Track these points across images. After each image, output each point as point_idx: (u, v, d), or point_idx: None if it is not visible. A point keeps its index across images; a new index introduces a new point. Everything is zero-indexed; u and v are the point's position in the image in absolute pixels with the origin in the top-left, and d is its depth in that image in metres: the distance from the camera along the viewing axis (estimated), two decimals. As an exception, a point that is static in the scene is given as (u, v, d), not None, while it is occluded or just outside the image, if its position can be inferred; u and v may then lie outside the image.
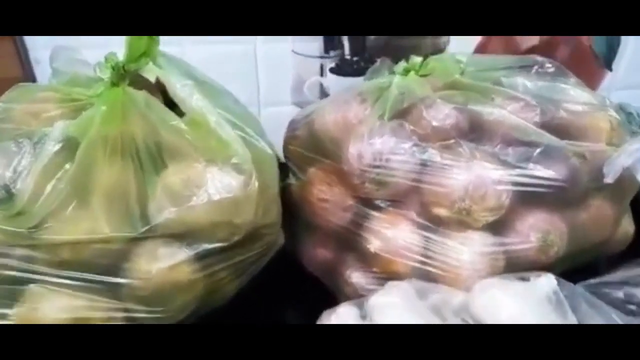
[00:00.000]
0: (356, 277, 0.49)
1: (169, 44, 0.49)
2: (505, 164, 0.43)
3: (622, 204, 0.48)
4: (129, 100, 0.41)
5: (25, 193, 0.38)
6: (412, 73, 0.50)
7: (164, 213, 0.38)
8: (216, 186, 0.38)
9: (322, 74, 0.71)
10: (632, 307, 0.43)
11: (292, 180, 0.55)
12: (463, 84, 0.47)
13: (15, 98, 0.45)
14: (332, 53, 0.69)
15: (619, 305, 0.44)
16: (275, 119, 0.72)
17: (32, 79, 0.69)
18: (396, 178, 0.45)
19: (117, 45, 0.65)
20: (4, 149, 0.40)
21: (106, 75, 0.42)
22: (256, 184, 0.40)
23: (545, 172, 0.42)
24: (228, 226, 0.39)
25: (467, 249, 0.44)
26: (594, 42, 0.73)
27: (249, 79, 0.71)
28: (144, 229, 0.38)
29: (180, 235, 0.38)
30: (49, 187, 0.38)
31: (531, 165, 0.43)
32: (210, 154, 0.40)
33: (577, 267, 0.49)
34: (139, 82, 0.45)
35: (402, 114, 0.46)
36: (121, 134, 0.41)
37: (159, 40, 0.44)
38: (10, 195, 0.38)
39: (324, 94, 0.72)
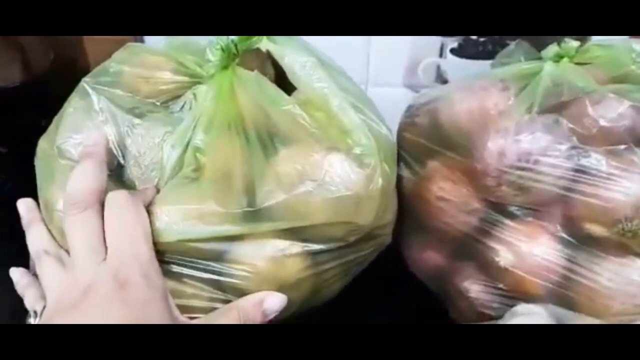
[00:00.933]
0: (476, 291, 0.42)
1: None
2: (691, 179, 0.34)
3: None
4: (239, 81, 0.38)
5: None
6: (565, 60, 0.42)
7: (274, 198, 0.33)
8: (335, 181, 0.33)
9: (441, 54, 0.63)
10: None
11: (404, 172, 0.49)
12: (639, 77, 0.38)
13: (126, 59, 0.42)
14: (455, 31, 0.62)
15: None
16: (383, 101, 0.66)
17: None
18: (543, 184, 0.37)
19: None
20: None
21: (216, 57, 0.38)
22: (380, 180, 0.34)
23: None
24: (345, 226, 0.34)
25: (625, 278, 0.36)
26: None
27: (359, 54, 0.65)
28: (251, 210, 0.34)
29: (291, 230, 0.34)
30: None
31: None
32: (329, 142, 0.35)
33: None
34: (251, 57, 0.41)
35: (557, 108, 0.39)
36: (230, 116, 0.37)
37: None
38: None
39: (440, 77, 0.64)
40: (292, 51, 0.40)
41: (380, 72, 0.66)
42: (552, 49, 0.43)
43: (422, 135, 0.47)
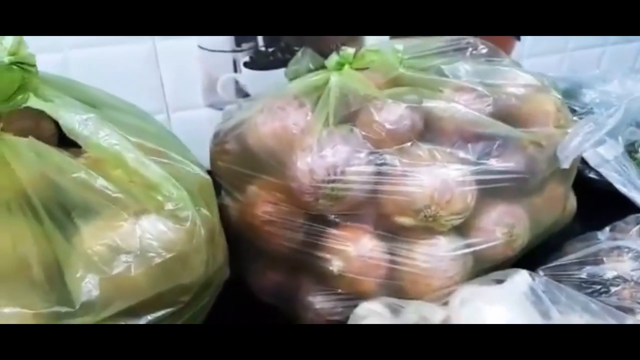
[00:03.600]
0: (319, 301, 0.44)
1: (45, 51, 0.39)
2: (465, 162, 0.40)
3: (569, 181, 0.48)
4: (10, 151, 0.32)
5: None
6: (346, 67, 0.45)
7: (89, 290, 0.29)
8: (153, 246, 0.31)
9: (235, 69, 0.63)
10: (597, 286, 0.44)
11: (226, 199, 0.48)
12: (409, 78, 0.43)
13: None
14: (244, 45, 0.62)
15: (584, 286, 0.44)
16: (188, 124, 0.64)
17: None
18: (353, 191, 0.40)
19: None
20: None
21: None
22: (202, 231, 0.32)
23: (506, 165, 0.40)
24: (176, 289, 0.32)
25: (436, 256, 0.41)
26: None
27: (150, 83, 0.61)
28: (65, 311, 0.30)
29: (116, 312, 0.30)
30: None
31: (492, 160, 0.40)
32: (136, 204, 0.32)
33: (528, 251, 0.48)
34: (19, 117, 0.36)
35: (348, 118, 0.42)
36: (7, 194, 0.32)
37: (36, 67, 0.34)
38: None
39: (240, 92, 0.64)
40: (66, 109, 0.35)
41: (178, 96, 0.63)
42: (334, 58, 0.46)
43: (235, 162, 0.47)
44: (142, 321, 0.31)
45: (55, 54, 0.56)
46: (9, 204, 0.32)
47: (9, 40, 0.33)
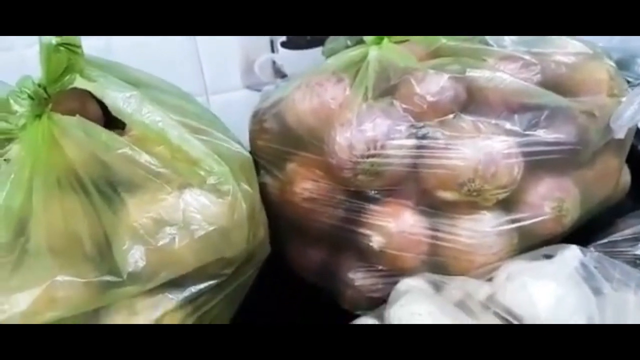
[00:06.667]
0: (359, 278, 0.44)
1: (89, 38, 0.40)
2: (512, 133, 0.38)
3: (624, 154, 0.45)
4: (59, 129, 0.33)
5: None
6: (385, 40, 0.44)
7: (135, 261, 0.30)
8: (196, 219, 0.31)
9: (272, 50, 0.63)
10: (653, 263, 0.41)
11: (266, 178, 0.48)
12: (450, 49, 0.41)
13: None
14: (281, 25, 0.61)
15: (638, 263, 0.42)
16: (227, 107, 0.64)
17: None
18: (393, 165, 0.39)
19: (20, 42, 0.56)
20: None
21: (24, 107, 0.33)
22: (243, 205, 0.33)
23: (555, 136, 0.39)
24: (218, 262, 0.32)
25: (480, 232, 0.40)
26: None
27: (190, 66, 0.62)
28: (114, 280, 0.30)
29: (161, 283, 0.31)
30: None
31: (540, 131, 0.39)
32: (179, 179, 0.32)
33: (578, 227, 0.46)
34: (67, 98, 0.37)
35: (388, 91, 0.41)
36: (57, 170, 0.33)
37: (82, 49, 0.35)
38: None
39: (278, 72, 0.64)
40: (111, 87, 0.36)
41: (216, 79, 0.63)
42: (373, 32, 0.45)
43: (274, 140, 0.47)
44: (186, 293, 0.32)
45: (99, 39, 0.57)
46: (60, 181, 0.34)
47: (56, 22, 0.34)
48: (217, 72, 0.63)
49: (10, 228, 0.31)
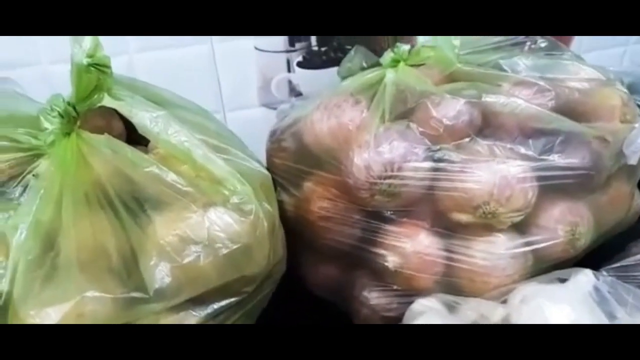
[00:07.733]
0: (374, 297, 0.44)
1: (112, 55, 0.41)
2: (526, 158, 0.39)
3: (636, 179, 0.46)
4: (88, 147, 0.34)
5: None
6: (402, 64, 0.45)
7: (162, 277, 0.31)
8: (220, 237, 0.32)
9: (289, 69, 0.64)
10: (667, 288, 0.41)
11: (282, 196, 0.49)
12: (466, 73, 0.42)
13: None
14: (297, 45, 0.63)
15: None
16: (244, 124, 0.65)
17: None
18: (410, 187, 0.40)
19: (46, 58, 0.58)
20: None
21: (54, 125, 0.34)
22: (265, 224, 0.34)
23: (569, 161, 0.39)
24: (241, 280, 0.33)
25: (494, 254, 0.41)
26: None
27: (208, 83, 0.63)
28: (140, 296, 0.31)
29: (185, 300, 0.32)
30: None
31: (554, 155, 0.39)
32: (204, 198, 0.33)
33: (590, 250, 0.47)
34: (94, 116, 0.38)
35: (405, 114, 0.42)
36: (84, 186, 0.34)
37: (111, 69, 0.36)
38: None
39: (293, 91, 0.65)
40: (138, 107, 0.37)
41: (234, 97, 0.65)
42: (389, 55, 0.46)
43: (292, 159, 0.48)
44: (209, 309, 0.33)
45: (121, 57, 0.59)
46: (88, 197, 0.35)
47: (87, 43, 0.35)
48: (235, 90, 0.64)
49: (40, 242, 0.32)
